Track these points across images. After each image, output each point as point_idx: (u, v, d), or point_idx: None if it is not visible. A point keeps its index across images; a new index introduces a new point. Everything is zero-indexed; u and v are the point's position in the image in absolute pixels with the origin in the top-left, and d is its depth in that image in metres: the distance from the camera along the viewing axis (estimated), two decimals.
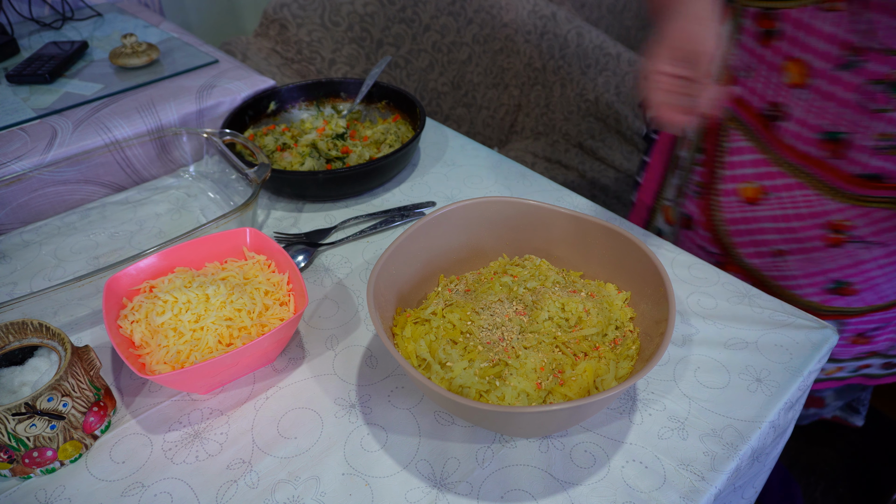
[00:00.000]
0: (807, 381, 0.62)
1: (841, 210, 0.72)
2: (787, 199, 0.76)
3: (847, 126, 0.67)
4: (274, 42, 1.48)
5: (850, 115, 0.66)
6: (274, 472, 0.52)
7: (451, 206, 0.63)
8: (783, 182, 0.76)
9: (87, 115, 0.86)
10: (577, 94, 1.86)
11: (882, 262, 0.75)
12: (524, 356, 0.53)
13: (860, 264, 0.75)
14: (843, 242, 0.74)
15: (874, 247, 0.73)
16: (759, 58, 0.72)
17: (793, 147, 0.73)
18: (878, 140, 0.66)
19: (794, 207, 0.76)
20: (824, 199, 0.72)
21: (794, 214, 0.76)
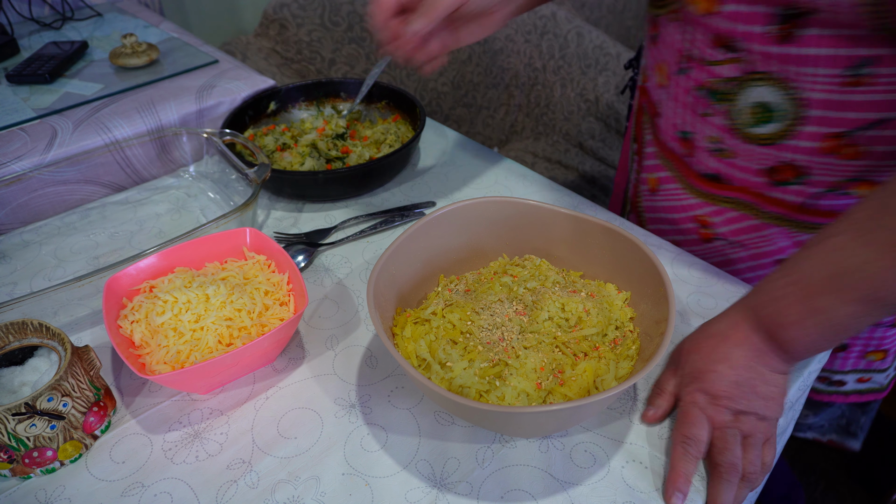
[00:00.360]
0: (807, 381, 0.62)
1: (700, 206, 0.76)
2: (668, 192, 0.81)
3: (688, 126, 0.72)
4: (274, 42, 1.48)
5: (689, 116, 0.71)
6: (274, 472, 0.52)
7: (451, 206, 0.63)
8: (663, 175, 0.81)
9: (87, 115, 0.86)
10: (577, 94, 1.86)
11: (749, 263, 0.76)
12: (524, 356, 0.53)
13: (732, 263, 0.78)
14: (712, 238, 0.77)
15: (738, 248, 0.76)
16: (650, 59, 0.77)
17: (663, 142, 0.79)
18: (709, 143, 0.70)
19: (672, 200, 0.81)
20: (686, 193, 0.77)
21: (673, 206, 0.81)
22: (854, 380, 0.85)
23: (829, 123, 0.59)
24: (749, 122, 0.64)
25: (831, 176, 0.63)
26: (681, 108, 0.72)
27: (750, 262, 0.76)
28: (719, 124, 0.67)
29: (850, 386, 0.86)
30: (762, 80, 0.61)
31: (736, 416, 0.53)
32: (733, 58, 0.62)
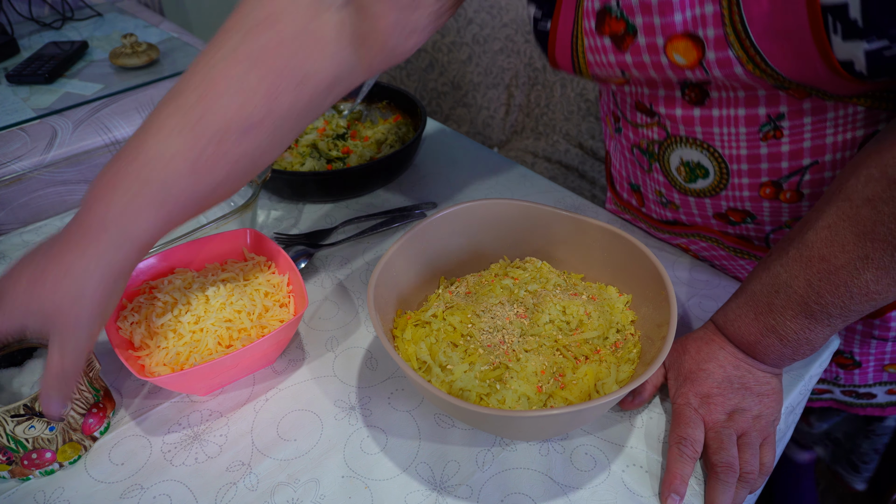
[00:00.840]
0: (808, 386, 0.62)
1: (672, 238, 0.76)
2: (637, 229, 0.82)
3: (638, 180, 0.74)
4: None
5: (634, 171, 0.73)
6: (273, 475, 0.52)
7: (452, 207, 0.63)
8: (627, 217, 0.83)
9: (87, 115, 0.86)
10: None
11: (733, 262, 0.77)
12: (525, 359, 0.53)
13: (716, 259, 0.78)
14: (699, 258, 0.77)
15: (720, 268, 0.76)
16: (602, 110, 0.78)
17: (618, 193, 0.81)
18: (656, 196, 0.72)
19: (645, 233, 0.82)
20: (654, 231, 0.78)
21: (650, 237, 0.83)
22: (884, 391, 0.83)
23: (758, 174, 0.59)
24: (682, 178, 0.65)
25: (779, 216, 0.62)
26: (627, 164, 0.74)
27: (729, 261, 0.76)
28: (660, 180, 0.68)
29: (882, 398, 0.85)
30: (683, 142, 0.61)
31: (730, 416, 0.53)
32: (654, 122, 0.63)
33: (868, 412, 0.86)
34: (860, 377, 0.80)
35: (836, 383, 0.83)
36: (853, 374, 0.80)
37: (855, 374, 0.79)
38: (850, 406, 0.87)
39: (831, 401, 0.87)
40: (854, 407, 0.87)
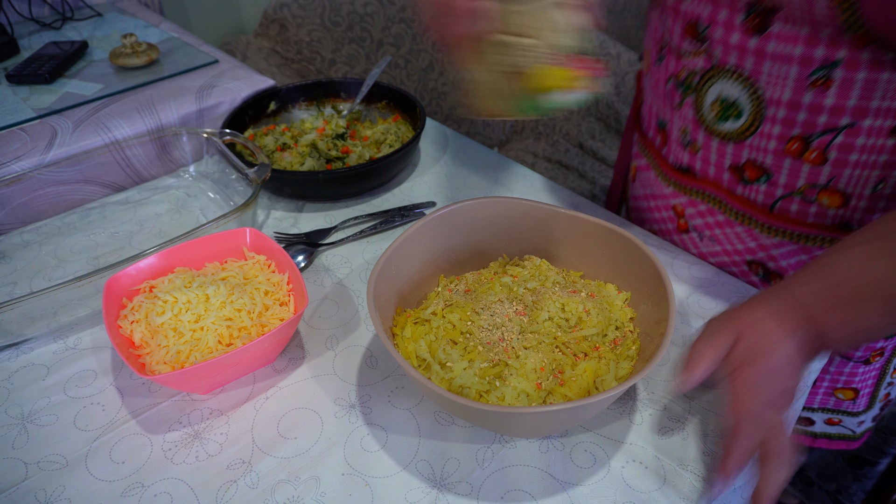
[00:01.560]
0: (806, 382, 0.62)
1: (674, 195, 0.76)
2: (645, 180, 0.82)
3: (666, 116, 0.72)
4: (274, 42, 1.48)
5: (665, 106, 0.72)
6: (274, 473, 0.52)
7: (451, 206, 0.63)
8: (641, 163, 0.82)
9: (87, 115, 0.86)
10: None
11: (721, 259, 0.75)
12: (524, 356, 0.53)
13: (705, 257, 0.77)
14: (687, 229, 0.77)
15: (710, 243, 0.75)
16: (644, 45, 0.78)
17: (644, 132, 0.80)
18: (680, 135, 0.71)
19: (649, 188, 0.81)
20: (661, 182, 0.77)
21: (651, 194, 0.82)
22: (823, 420, 0.82)
23: (792, 125, 0.59)
24: (714, 116, 0.64)
25: (796, 179, 0.62)
26: (659, 98, 0.73)
27: (724, 258, 0.75)
28: (689, 117, 0.68)
29: (819, 427, 0.84)
30: (727, 74, 0.61)
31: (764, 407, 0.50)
32: (702, 49, 0.62)
33: (800, 440, 0.84)
34: (809, 397, 0.78)
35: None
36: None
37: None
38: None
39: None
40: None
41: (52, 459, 0.54)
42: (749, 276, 0.74)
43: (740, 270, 0.74)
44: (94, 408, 0.58)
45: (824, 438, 0.85)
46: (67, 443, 0.55)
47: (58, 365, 0.62)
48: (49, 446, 0.55)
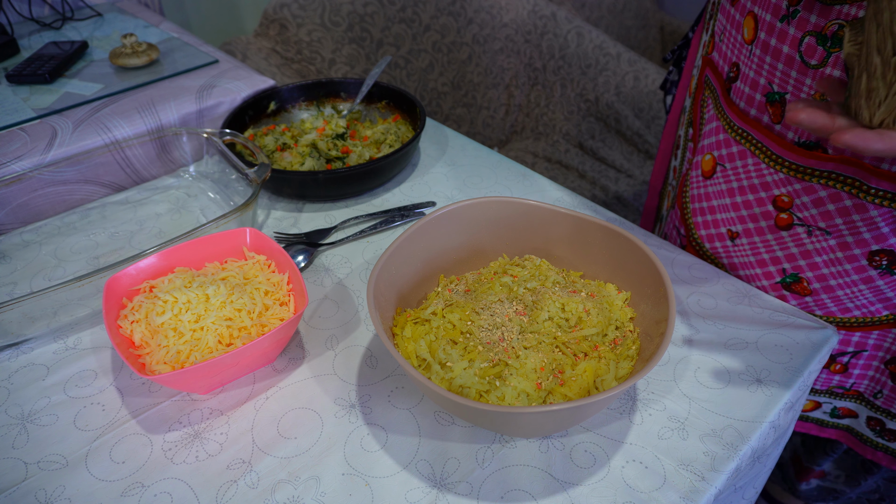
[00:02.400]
0: (807, 382, 0.62)
1: (784, 183, 0.66)
2: (734, 170, 0.71)
3: (787, 84, 0.63)
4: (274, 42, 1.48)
5: (790, 72, 0.62)
6: (274, 472, 0.52)
7: (451, 206, 0.63)
8: (732, 150, 0.71)
9: (87, 115, 0.86)
10: (577, 94, 1.86)
11: (831, 256, 0.67)
12: (524, 356, 0.53)
13: (809, 255, 0.68)
14: (791, 224, 0.68)
15: (821, 235, 0.66)
16: (730, 18, 0.70)
17: (741, 110, 0.69)
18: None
19: (740, 179, 0.71)
20: (767, 168, 0.67)
21: (740, 187, 0.71)
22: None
23: None
24: None
25: None
26: (780, 63, 0.62)
27: (828, 255, 0.66)
28: (831, 76, 0.57)
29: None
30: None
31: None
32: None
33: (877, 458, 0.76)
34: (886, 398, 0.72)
35: (870, 402, 0.75)
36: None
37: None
38: (863, 442, 0.78)
39: (846, 431, 0.79)
40: (866, 446, 0.78)
41: (52, 459, 0.54)
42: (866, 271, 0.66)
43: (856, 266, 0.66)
44: (94, 408, 0.58)
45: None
46: (67, 443, 0.55)
47: (58, 365, 0.62)
48: (49, 446, 0.55)
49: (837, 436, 0.82)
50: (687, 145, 0.84)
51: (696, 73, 0.83)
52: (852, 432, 0.80)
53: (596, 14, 2.11)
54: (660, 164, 0.96)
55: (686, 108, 0.86)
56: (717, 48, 0.74)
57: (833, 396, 0.78)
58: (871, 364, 0.74)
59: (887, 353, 0.72)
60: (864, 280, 0.66)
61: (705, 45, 0.79)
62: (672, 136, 0.93)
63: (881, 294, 0.67)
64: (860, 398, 0.77)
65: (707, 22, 0.79)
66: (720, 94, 0.72)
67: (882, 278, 0.65)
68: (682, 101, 0.90)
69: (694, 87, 0.82)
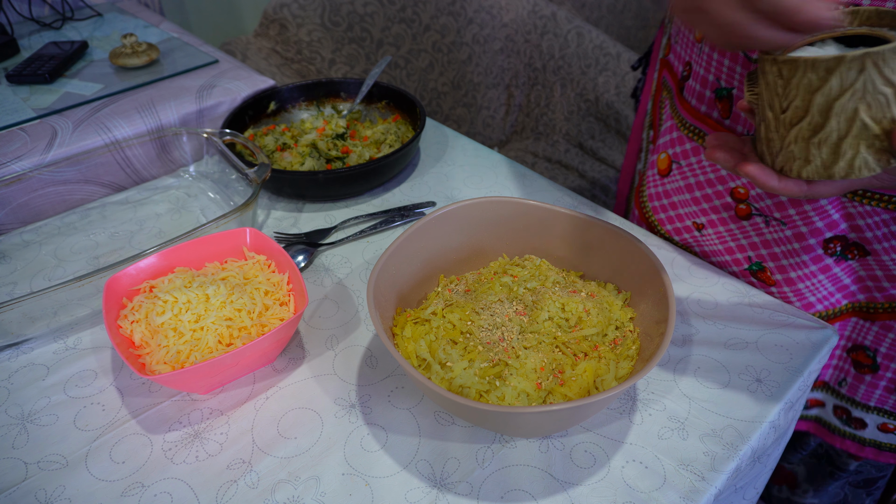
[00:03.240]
0: (807, 381, 0.62)
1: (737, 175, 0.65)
2: (690, 167, 0.73)
3: (734, 79, 0.65)
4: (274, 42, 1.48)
5: (735, 67, 0.64)
6: (274, 472, 0.52)
7: (451, 206, 0.63)
8: (686, 147, 0.73)
9: (87, 115, 0.86)
10: (577, 94, 1.86)
11: (788, 247, 0.67)
12: (524, 356, 0.53)
13: (769, 245, 0.69)
14: (749, 214, 0.69)
15: (777, 226, 0.67)
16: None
17: (692, 107, 0.71)
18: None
19: (696, 175, 0.72)
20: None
21: (697, 182, 0.72)
22: (876, 425, 0.75)
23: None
24: None
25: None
26: (726, 59, 0.64)
27: (786, 246, 0.68)
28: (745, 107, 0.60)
29: (870, 432, 0.76)
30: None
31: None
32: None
33: (846, 446, 0.79)
34: (866, 391, 0.74)
35: (835, 391, 0.77)
36: (862, 381, 0.73)
37: (864, 382, 0.73)
38: (831, 432, 0.80)
39: (815, 422, 0.81)
40: (834, 434, 0.80)
41: (52, 459, 0.54)
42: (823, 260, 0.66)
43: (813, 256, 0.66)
44: (94, 408, 0.58)
45: (873, 447, 0.77)
46: (67, 443, 0.55)
47: (58, 365, 0.62)
48: (49, 446, 0.55)
49: (808, 427, 0.84)
50: (648, 147, 0.86)
51: (655, 77, 0.85)
52: (821, 422, 0.82)
53: (596, 14, 2.11)
54: (626, 171, 0.97)
55: (647, 112, 0.88)
56: (672, 50, 0.75)
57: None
58: (834, 353, 0.75)
59: (848, 340, 0.73)
60: (821, 269, 0.67)
61: (663, 49, 0.80)
62: (637, 142, 0.94)
63: (839, 281, 0.68)
64: (825, 387, 0.78)
65: (666, 25, 0.81)
66: (675, 94, 0.74)
67: (838, 265, 0.67)
68: (646, 106, 0.91)
69: (654, 90, 0.84)
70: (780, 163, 0.46)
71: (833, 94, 0.41)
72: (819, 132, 0.43)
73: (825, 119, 0.42)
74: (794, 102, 0.43)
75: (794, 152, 0.45)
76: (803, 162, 0.45)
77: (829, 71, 0.41)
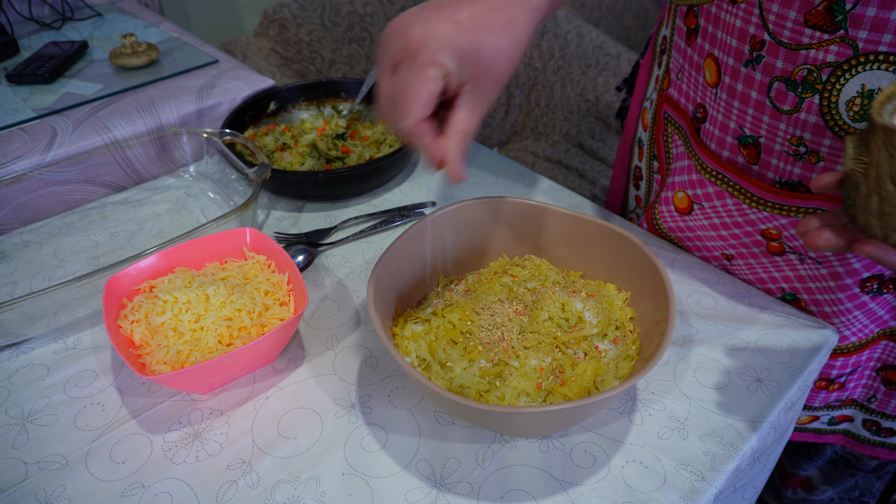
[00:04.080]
0: (807, 382, 0.62)
1: (768, 219, 0.64)
2: (713, 209, 0.69)
3: (760, 129, 0.61)
4: (274, 42, 1.48)
5: (761, 117, 0.60)
6: (274, 472, 0.52)
7: (451, 206, 0.63)
8: (708, 191, 0.69)
9: (87, 115, 0.86)
10: (577, 94, 1.86)
11: (824, 284, 0.66)
12: (524, 356, 0.53)
13: (803, 280, 0.68)
14: (782, 251, 0.67)
15: (813, 264, 0.65)
16: (688, 58, 0.68)
17: (712, 152, 0.67)
18: (791, 144, 0.59)
19: (721, 217, 0.69)
20: (749, 208, 0.65)
21: (723, 223, 0.69)
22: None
23: None
24: (852, 115, 0.53)
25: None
26: (749, 108, 0.61)
27: (821, 283, 0.66)
28: (807, 123, 0.56)
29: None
30: (877, 62, 0.50)
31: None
32: (833, 39, 0.51)
33: (876, 453, 0.78)
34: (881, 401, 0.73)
35: (864, 406, 0.76)
36: (893, 397, 0.72)
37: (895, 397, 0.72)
38: (860, 443, 0.79)
39: (843, 435, 0.80)
40: (863, 444, 0.79)
41: (52, 459, 0.54)
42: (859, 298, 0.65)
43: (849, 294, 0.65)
44: (94, 408, 0.58)
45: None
46: (67, 443, 0.55)
47: (58, 365, 0.62)
48: (49, 446, 0.55)
49: (836, 439, 0.83)
50: (653, 177, 0.83)
51: (649, 106, 0.81)
52: (849, 434, 0.81)
53: (596, 14, 2.11)
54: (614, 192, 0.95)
55: (642, 140, 0.84)
56: (674, 85, 0.73)
57: (830, 409, 0.80)
58: (864, 374, 0.75)
59: (878, 361, 0.73)
60: (857, 307, 0.66)
61: (658, 80, 0.77)
62: (625, 165, 0.92)
63: (874, 315, 0.67)
64: (855, 404, 0.78)
65: (659, 56, 0.78)
66: (689, 135, 0.71)
67: (874, 300, 0.66)
68: (633, 130, 0.88)
69: (650, 119, 0.80)
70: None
71: None
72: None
73: None
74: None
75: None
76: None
77: None
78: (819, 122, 0.56)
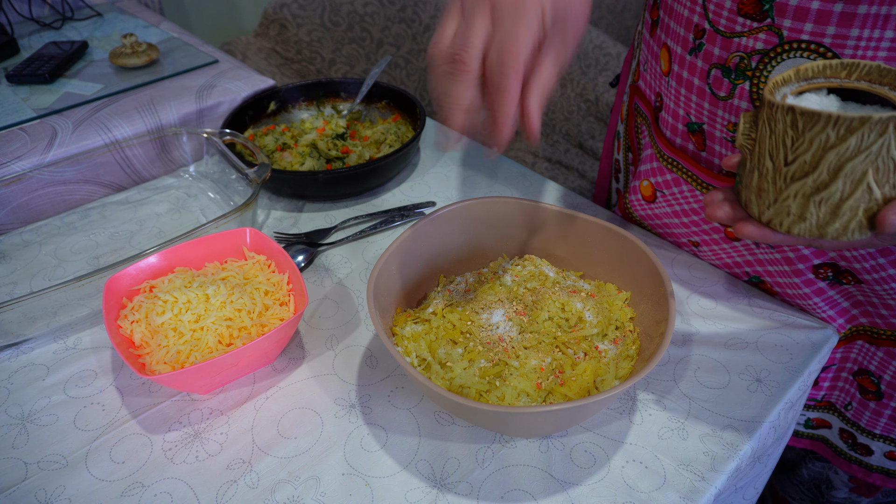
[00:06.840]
0: (807, 381, 0.62)
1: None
2: (672, 196, 0.71)
3: (703, 115, 0.63)
4: (274, 42, 1.48)
5: (703, 104, 0.62)
6: (274, 472, 0.52)
7: (451, 206, 0.63)
8: (666, 178, 0.71)
9: (87, 115, 0.86)
10: (577, 94, 1.86)
11: (780, 268, 0.66)
12: (524, 356, 0.53)
13: (763, 264, 0.68)
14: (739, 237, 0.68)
15: (767, 249, 0.66)
16: (650, 49, 0.69)
17: (667, 139, 0.69)
18: (728, 131, 0.61)
19: (680, 204, 0.71)
20: (701, 194, 0.67)
21: (682, 210, 0.71)
22: (882, 452, 0.73)
23: None
24: None
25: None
26: (693, 95, 0.63)
27: (778, 267, 0.66)
28: (741, 108, 0.58)
29: (877, 459, 0.74)
30: (800, 50, 0.52)
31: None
32: (762, 27, 0.53)
33: (852, 470, 0.77)
34: (871, 417, 0.72)
35: (841, 413, 0.75)
36: (867, 408, 0.72)
37: (869, 408, 0.72)
38: (837, 455, 0.79)
39: (822, 441, 0.80)
40: (840, 458, 0.78)
41: (52, 459, 0.54)
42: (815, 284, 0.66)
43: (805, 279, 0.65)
44: (94, 408, 0.58)
45: (880, 474, 0.76)
46: (67, 443, 0.55)
47: (58, 365, 0.62)
48: (49, 446, 0.55)
49: (813, 446, 0.82)
50: (629, 169, 0.85)
51: (626, 100, 0.83)
52: (827, 443, 0.80)
53: (596, 14, 2.11)
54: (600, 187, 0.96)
55: (619, 133, 0.86)
56: (642, 77, 0.74)
57: (806, 408, 0.79)
58: (840, 375, 0.74)
59: (854, 363, 0.72)
60: (815, 293, 0.66)
61: (633, 73, 0.79)
62: (609, 161, 0.93)
63: (837, 304, 0.67)
64: (832, 408, 0.77)
65: (634, 50, 0.79)
66: (651, 124, 0.73)
67: (832, 288, 0.66)
68: (616, 125, 0.89)
69: (625, 112, 0.83)
70: (770, 216, 0.44)
71: (848, 154, 0.39)
72: (823, 190, 0.40)
73: (833, 178, 0.40)
74: (803, 157, 0.40)
75: (789, 207, 0.42)
76: (797, 218, 0.42)
77: (850, 130, 0.38)
78: (749, 108, 0.57)
